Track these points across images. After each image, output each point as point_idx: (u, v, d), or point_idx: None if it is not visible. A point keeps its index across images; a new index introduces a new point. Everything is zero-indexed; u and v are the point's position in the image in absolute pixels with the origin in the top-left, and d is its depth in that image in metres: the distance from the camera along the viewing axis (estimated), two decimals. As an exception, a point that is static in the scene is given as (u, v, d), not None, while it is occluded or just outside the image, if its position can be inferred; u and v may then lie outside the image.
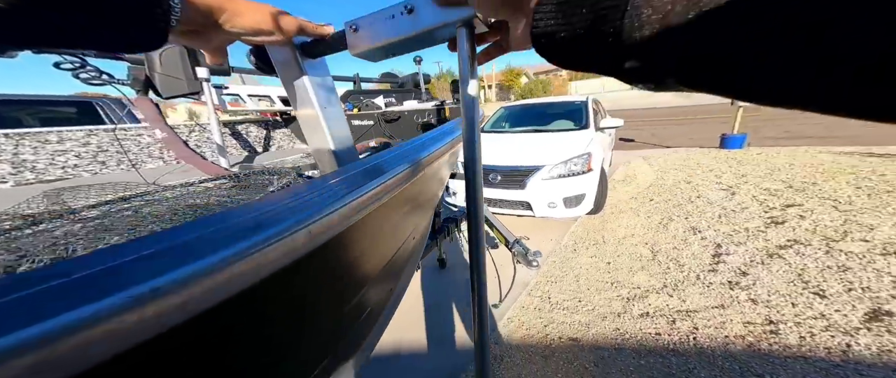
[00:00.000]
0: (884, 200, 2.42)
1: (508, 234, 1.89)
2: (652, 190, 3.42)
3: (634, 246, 2.37)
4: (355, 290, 0.45)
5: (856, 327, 1.36)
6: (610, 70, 0.22)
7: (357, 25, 0.39)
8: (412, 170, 0.44)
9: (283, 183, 0.80)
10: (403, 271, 0.68)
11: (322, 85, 0.50)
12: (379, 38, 0.38)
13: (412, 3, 0.35)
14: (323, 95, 0.49)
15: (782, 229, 2.24)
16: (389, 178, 0.37)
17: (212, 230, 0.22)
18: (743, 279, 1.80)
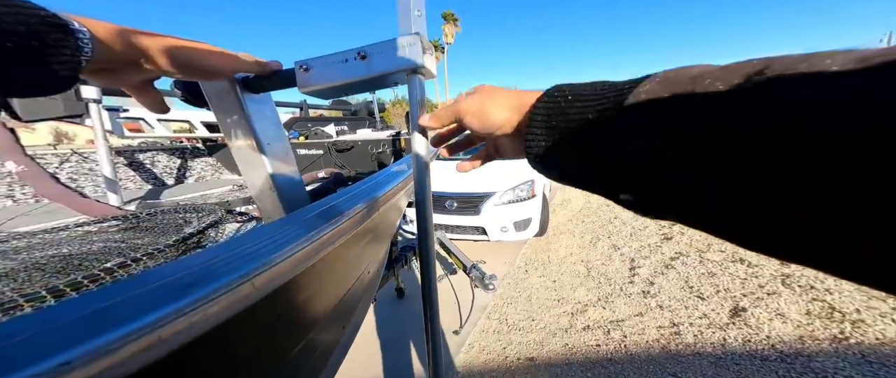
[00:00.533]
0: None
1: (466, 259, 1.98)
2: (583, 212, 4.02)
3: (573, 264, 2.72)
4: (304, 332, 0.42)
5: (726, 323, 1.82)
6: (608, 197, 0.23)
7: (308, 66, 0.38)
8: (368, 210, 0.42)
9: (206, 223, 0.69)
10: (357, 307, 0.66)
11: (266, 121, 0.46)
12: (330, 80, 0.38)
13: (365, 51, 0.36)
14: (267, 132, 0.46)
15: (672, 244, 2.88)
16: (343, 222, 0.36)
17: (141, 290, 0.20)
18: (651, 288, 2.24)
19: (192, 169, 2.03)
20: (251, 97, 0.43)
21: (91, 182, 1.51)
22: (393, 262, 1.54)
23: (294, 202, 0.49)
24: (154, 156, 1.86)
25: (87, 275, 0.42)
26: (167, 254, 0.52)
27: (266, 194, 0.48)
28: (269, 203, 0.48)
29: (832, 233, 0.13)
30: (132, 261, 0.47)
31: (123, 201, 1.32)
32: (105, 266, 0.44)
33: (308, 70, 0.38)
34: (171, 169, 1.92)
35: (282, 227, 0.32)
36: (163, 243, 0.55)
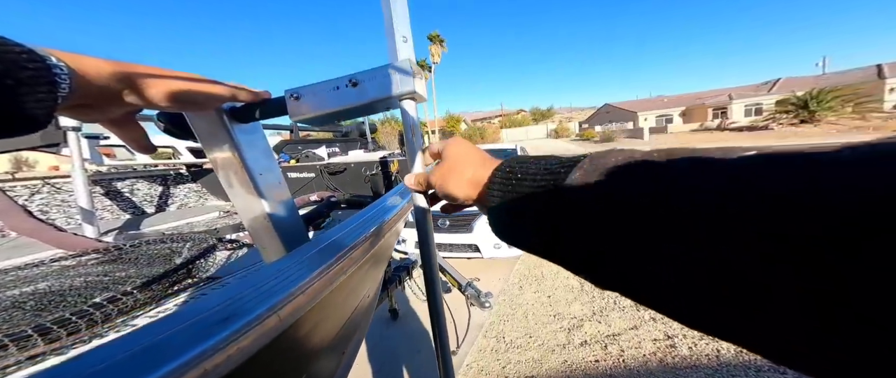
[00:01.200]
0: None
1: (460, 277, 1.96)
2: (571, 227, 4.09)
3: (566, 278, 2.72)
4: (305, 366, 0.40)
5: (716, 331, 1.85)
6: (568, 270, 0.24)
7: (299, 94, 0.38)
8: (371, 242, 0.42)
9: (196, 252, 0.67)
10: (356, 332, 0.64)
11: (257, 151, 0.44)
12: (322, 108, 0.38)
13: (356, 78, 0.36)
14: (259, 163, 0.44)
15: (659, 256, 2.96)
16: (347, 257, 0.35)
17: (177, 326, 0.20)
18: (644, 300, 2.26)
19: (175, 196, 1.91)
20: (240, 127, 0.42)
21: (63, 214, 1.38)
22: (387, 283, 1.51)
23: (292, 235, 0.47)
24: (133, 184, 1.74)
25: (76, 311, 0.39)
26: (158, 287, 0.50)
27: (263, 229, 0.45)
28: (266, 238, 0.46)
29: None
30: (123, 294, 0.44)
31: (100, 233, 1.23)
32: (94, 301, 0.42)
33: (299, 98, 0.38)
34: (151, 197, 1.79)
35: (287, 268, 0.31)
36: (152, 274, 0.52)
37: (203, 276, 0.62)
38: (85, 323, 0.39)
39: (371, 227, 0.44)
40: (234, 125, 0.41)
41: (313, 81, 0.39)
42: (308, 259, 0.33)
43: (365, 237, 0.41)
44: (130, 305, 0.45)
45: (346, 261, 0.35)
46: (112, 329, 0.42)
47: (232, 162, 0.42)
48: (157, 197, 1.81)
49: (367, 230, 0.43)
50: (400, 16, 0.40)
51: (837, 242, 0.10)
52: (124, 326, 0.43)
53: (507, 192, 0.25)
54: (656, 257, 0.15)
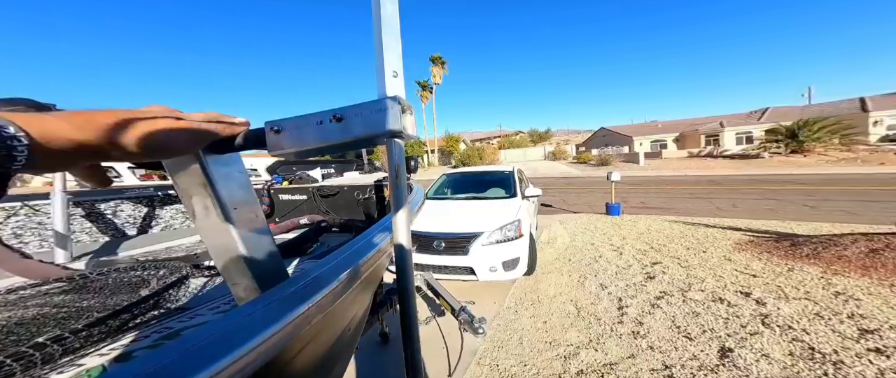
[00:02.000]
0: (703, 258, 3.50)
1: (454, 301, 1.93)
2: (569, 251, 4.07)
3: (563, 304, 2.69)
4: None
5: (716, 364, 1.82)
6: None
7: (280, 127, 0.36)
8: (348, 281, 0.40)
9: (165, 282, 0.64)
10: (340, 359, 0.61)
11: (233, 184, 0.40)
12: (304, 143, 0.36)
13: (342, 113, 0.34)
14: (234, 196, 0.40)
15: (655, 283, 2.94)
16: (323, 297, 0.34)
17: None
18: (640, 328, 2.22)
19: (160, 218, 1.79)
20: (215, 158, 0.38)
21: (38, 237, 1.30)
22: (378, 306, 1.44)
23: (267, 273, 0.43)
24: (117, 205, 1.63)
25: (12, 353, 0.37)
26: (114, 321, 0.47)
27: (235, 267, 0.41)
28: (238, 276, 0.42)
29: None
30: (71, 332, 0.41)
31: (72, 257, 1.17)
32: (37, 341, 0.39)
33: (279, 132, 0.36)
34: (135, 218, 1.68)
35: (254, 311, 0.30)
36: (115, 305, 0.49)
37: (172, 307, 0.60)
38: (21, 367, 0.36)
39: (350, 266, 0.43)
40: (207, 157, 0.37)
41: (295, 113, 0.37)
42: (280, 302, 0.31)
43: (343, 278, 0.39)
44: (78, 345, 0.41)
45: (324, 300, 0.34)
46: (54, 370, 0.39)
47: (201, 193, 0.38)
48: (140, 219, 1.71)
49: (346, 268, 0.41)
50: (392, 50, 0.39)
51: None
52: (70, 367, 0.40)
53: None
54: None
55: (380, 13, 0.38)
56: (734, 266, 3.17)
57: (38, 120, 0.23)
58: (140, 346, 0.46)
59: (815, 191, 8.00)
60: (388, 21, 0.38)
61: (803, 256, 3.20)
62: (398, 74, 0.38)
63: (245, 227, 0.41)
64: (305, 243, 1.16)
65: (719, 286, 2.76)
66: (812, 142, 17.97)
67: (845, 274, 2.74)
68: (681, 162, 20.53)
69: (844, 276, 2.70)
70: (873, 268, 2.75)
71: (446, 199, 4.19)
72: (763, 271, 2.99)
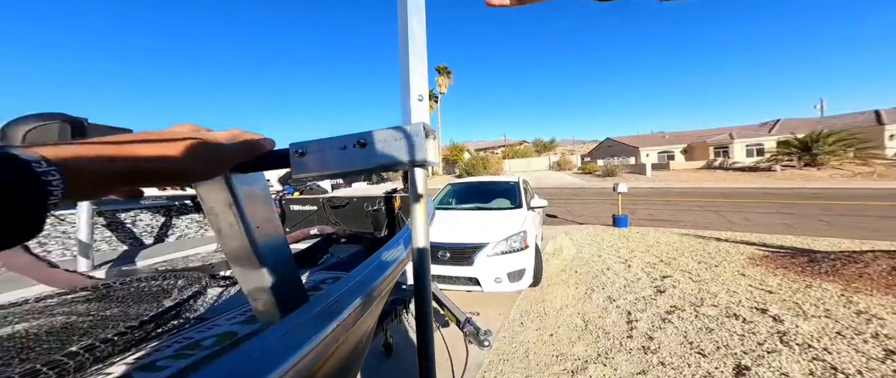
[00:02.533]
0: (715, 272, 3.40)
1: (459, 312, 1.89)
2: (575, 262, 4.00)
3: (570, 316, 2.63)
4: None
5: (729, 382, 1.74)
6: None
7: (304, 150, 0.36)
8: (364, 304, 0.40)
9: (185, 294, 0.65)
10: (350, 373, 0.60)
11: (256, 202, 0.41)
12: (326, 167, 0.36)
13: (365, 139, 0.34)
14: (257, 214, 0.40)
15: (665, 297, 2.86)
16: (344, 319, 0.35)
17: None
18: (651, 343, 2.15)
19: (176, 227, 1.82)
20: (240, 177, 0.39)
21: (61, 245, 1.33)
22: (382, 318, 1.42)
23: (286, 289, 0.43)
24: (137, 214, 1.67)
25: (49, 361, 0.38)
26: (140, 331, 0.49)
27: (256, 283, 0.42)
28: (258, 292, 0.42)
29: None
30: (101, 341, 0.42)
31: (94, 265, 1.20)
32: (70, 350, 0.40)
33: (303, 155, 0.36)
34: (152, 228, 1.71)
35: (283, 339, 0.30)
36: (139, 315, 0.51)
37: (190, 317, 0.61)
38: (56, 374, 0.38)
39: (370, 285, 0.43)
40: (233, 175, 0.38)
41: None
42: (303, 327, 0.32)
43: (364, 297, 0.40)
44: (107, 354, 0.43)
45: (342, 326, 0.34)
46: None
47: (227, 211, 0.38)
48: (157, 228, 1.74)
49: (363, 291, 0.42)
50: (418, 73, 0.38)
51: None
52: (98, 374, 0.42)
53: None
54: None
55: (407, 36, 0.38)
56: (749, 281, 3.07)
57: (71, 150, 0.23)
58: (163, 356, 0.47)
59: (832, 205, 7.76)
60: (415, 44, 0.38)
61: (822, 273, 3.08)
62: (424, 98, 0.37)
63: (266, 243, 0.41)
64: (317, 253, 1.17)
65: (733, 301, 2.67)
66: (826, 155, 17.54)
67: (867, 292, 2.63)
68: (690, 174, 20.22)
69: (866, 295, 2.59)
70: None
71: (451, 209, 4.19)
72: (780, 287, 2.89)
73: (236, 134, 0.36)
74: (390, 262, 0.56)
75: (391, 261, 0.56)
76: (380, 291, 0.47)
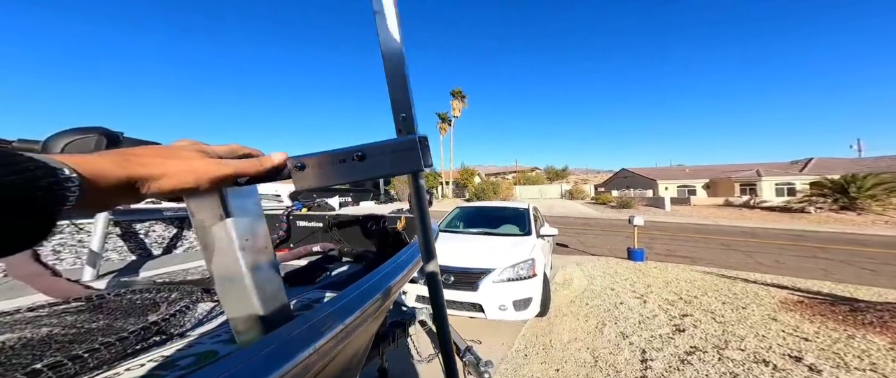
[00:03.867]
0: (742, 314, 3.13)
1: (459, 340, 1.82)
2: (586, 294, 3.81)
3: (578, 350, 2.47)
4: None
5: (756, 436, 1.55)
6: None
7: (303, 164, 0.37)
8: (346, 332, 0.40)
9: (174, 308, 0.63)
10: None
11: (247, 216, 0.40)
12: (325, 180, 0.37)
13: (364, 151, 0.35)
14: (245, 229, 0.40)
15: (685, 337, 2.64)
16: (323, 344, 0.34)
17: None
18: (668, 388, 1.97)
19: (186, 238, 1.79)
20: (235, 191, 0.38)
21: (74, 254, 1.33)
22: (379, 340, 1.33)
23: (270, 307, 0.42)
24: (151, 225, 1.66)
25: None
26: (118, 346, 0.48)
27: (237, 300, 0.40)
28: (239, 309, 0.41)
29: None
30: (69, 359, 0.41)
31: (97, 275, 1.18)
32: (33, 368, 0.39)
33: (302, 168, 0.36)
34: (163, 239, 1.70)
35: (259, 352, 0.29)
36: (122, 329, 0.51)
37: (174, 333, 0.60)
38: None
39: (360, 306, 0.43)
40: (227, 189, 0.37)
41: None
42: (287, 343, 0.32)
43: (352, 319, 0.40)
44: (73, 372, 0.42)
45: (328, 344, 0.34)
46: None
47: (217, 225, 0.38)
48: (168, 239, 1.73)
49: (356, 309, 0.41)
50: (398, 94, 0.40)
51: None
52: None
53: None
54: None
55: (387, 59, 0.41)
56: (781, 327, 2.80)
57: (89, 161, 0.24)
58: (134, 376, 0.44)
59: (876, 254, 7.08)
60: (393, 66, 0.40)
61: (866, 323, 2.78)
62: (408, 118, 0.39)
63: (253, 259, 0.40)
64: (316, 272, 1.15)
65: (763, 347, 2.43)
66: (865, 199, 16.29)
67: (921, 347, 2.33)
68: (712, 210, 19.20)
69: (920, 350, 2.29)
70: (957, 343, 2.33)
71: (458, 232, 4.18)
72: (816, 335, 2.61)
73: (235, 148, 0.37)
74: (383, 284, 0.54)
75: (384, 282, 0.54)
76: (369, 313, 0.45)
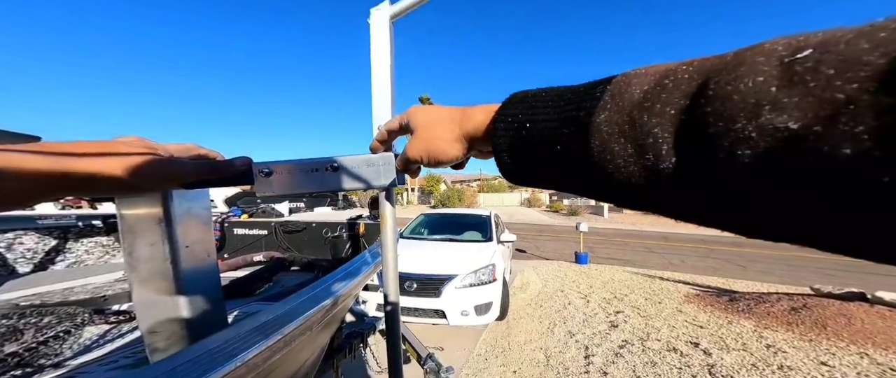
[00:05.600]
0: (659, 308, 3.75)
1: (421, 348, 1.81)
2: (541, 297, 4.16)
3: (533, 351, 2.69)
4: None
5: (669, 413, 1.90)
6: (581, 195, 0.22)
7: (269, 170, 0.34)
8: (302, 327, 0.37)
9: (50, 333, 0.55)
10: None
11: (192, 220, 0.37)
12: (294, 188, 0.35)
13: (337, 163, 0.34)
14: (190, 233, 0.36)
15: (618, 331, 3.07)
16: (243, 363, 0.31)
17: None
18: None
19: (71, 251, 1.48)
20: (182, 193, 0.36)
21: None
22: (334, 352, 1.25)
23: (202, 323, 0.38)
24: (17, 236, 1.36)
25: None
26: None
27: (162, 315, 0.36)
28: (162, 325, 0.37)
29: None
30: None
31: None
32: None
33: (269, 175, 0.34)
34: (35, 253, 1.38)
35: (166, 370, 0.27)
36: None
37: (46, 364, 0.51)
38: None
39: (302, 314, 0.40)
40: (173, 192, 0.34)
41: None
42: (199, 359, 0.29)
43: (292, 327, 0.37)
44: None
45: (263, 355, 0.31)
46: None
47: (152, 229, 0.34)
48: (42, 253, 1.41)
49: (297, 317, 0.38)
50: (381, 106, 0.40)
51: None
52: None
53: (519, 138, 0.23)
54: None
55: (373, 70, 0.41)
56: (685, 317, 3.43)
57: (3, 156, 0.22)
58: None
59: (748, 252, 9.11)
60: (379, 81, 0.40)
61: (740, 311, 3.56)
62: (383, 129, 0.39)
63: (190, 268, 0.37)
64: (255, 283, 1.04)
65: (673, 336, 2.96)
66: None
67: (773, 328, 3.08)
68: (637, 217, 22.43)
69: (773, 331, 3.04)
70: (795, 324, 3.14)
71: (422, 239, 4.21)
72: (708, 323, 3.27)
73: (190, 147, 0.34)
74: (331, 291, 0.51)
75: (333, 290, 0.52)
76: (314, 322, 0.43)
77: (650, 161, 0.17)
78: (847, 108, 0.11)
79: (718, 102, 0.14)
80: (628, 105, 0.18)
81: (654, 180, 0.17)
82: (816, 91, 0.12)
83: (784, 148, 0.12)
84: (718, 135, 0.14)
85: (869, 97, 0.10)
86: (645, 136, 0.17)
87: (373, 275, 0.78)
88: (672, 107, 0.16)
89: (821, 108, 0.11)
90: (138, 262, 0.35)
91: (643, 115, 0.17)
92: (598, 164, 0.19)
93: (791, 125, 0.12)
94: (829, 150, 0.11)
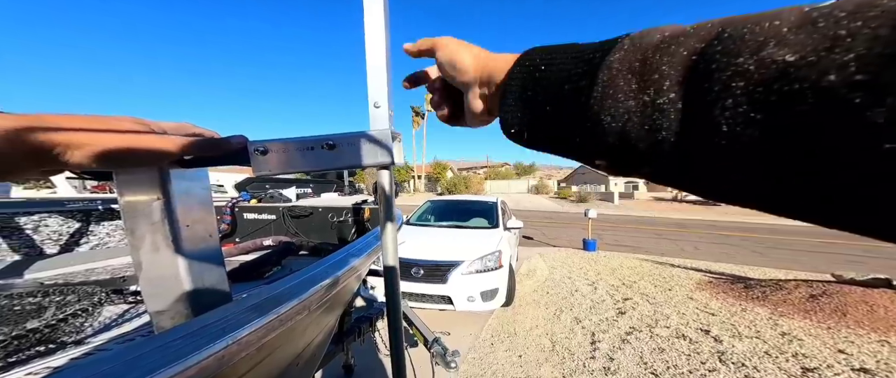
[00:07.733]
0: (668, 295, 3.70)
1: (427, 332, 1.87)
2: (547, 284, 4.15)
3: (538, 337, 2.71)
4: None
5: (676, 399, 1.89)
6: (581, 161, 0.22)
7: (265, 149, 0.34)
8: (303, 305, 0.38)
9: (71, 310, 0.57)
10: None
11: (192, 200, 0.37)
12: (290, 167, 0.35)
13: (334, 141, 0.34)
14: (190, 214, 0.37)
15: (626, 318, 3.05)
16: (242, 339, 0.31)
17: None
18: (611, 364, 2.28)
19: (93, 234, 1.53)
20: (180, 173, 0.35)
21: None
22: (343, 335, 1.30)
23: (206, 303, 0.38)
24: (41, 219, 1.40)
25: None
26: None
27: (165, 293, 0.37)
28: (166, 303, 0.37)
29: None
30: None
31: None
32: None
33: (265, 153, 0.34)
34: (59, 235, 1.43)
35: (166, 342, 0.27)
36: None
37: (68, 341, 0.53)
38: None
39: (304, 291, 0.41)
40: (172, 170, 0.35)
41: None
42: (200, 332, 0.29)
43: (293, 305, 0.37)
44: None
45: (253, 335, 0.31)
46: None
47: (151, 209, 0.34)
48: (67, 235, 1.46)
49: (299, 294, 0.39)
50: (376, 82, 0.39)
51: None
52: None
53: (531, 79, 0.23)
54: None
55: (368, 48, 0.39)
56: (696, 304, 3.38)
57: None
58: None
59: (764, 239, 8.79)
60: (374, 57, 0.39)
61: (754, 298, 3.47)
62: (381, 106, 0.38)
63: (192, 248, 0.37)
64: (264, 266, 1.06)
65: (682, 323, 2.92)
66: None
67: (790, 316, 3.00)
68: (649, 204, 21.95)
69: (789, 318, 2.95)
70: (813, 311, 3.04)
71: (429, 225, 4.23)
72: (720, 310, 3.20)
73: (185, 126, 0.34)
74: (330, 273, 0.51)
75: (332, 271, 0.52)
76: (312, 302, 0.43)
77: (649, 96, 0.17)
78: (844, 41, 0.11)
79: (730, 41, 0.14)
80: (645, 46, 0.18)
81: (647, 115, 0.17)
82: (823, 29, 0.12)
83: (774, 78, 0.12)
84: (719, 68, 0.14)
85: (869, 31, 0.11)
86: (651, 72, 0.17)
87: (374, 258, 0.77)
88: (686, 48, 0.16)
89: (821, 42, 0.12)
90: (140, 243, 0.35)
91: (656, 54, 0.17)
92: (599, 100, 0.19)
93: (787, 57, 0.12)
94: (815, 77, 0.12)
